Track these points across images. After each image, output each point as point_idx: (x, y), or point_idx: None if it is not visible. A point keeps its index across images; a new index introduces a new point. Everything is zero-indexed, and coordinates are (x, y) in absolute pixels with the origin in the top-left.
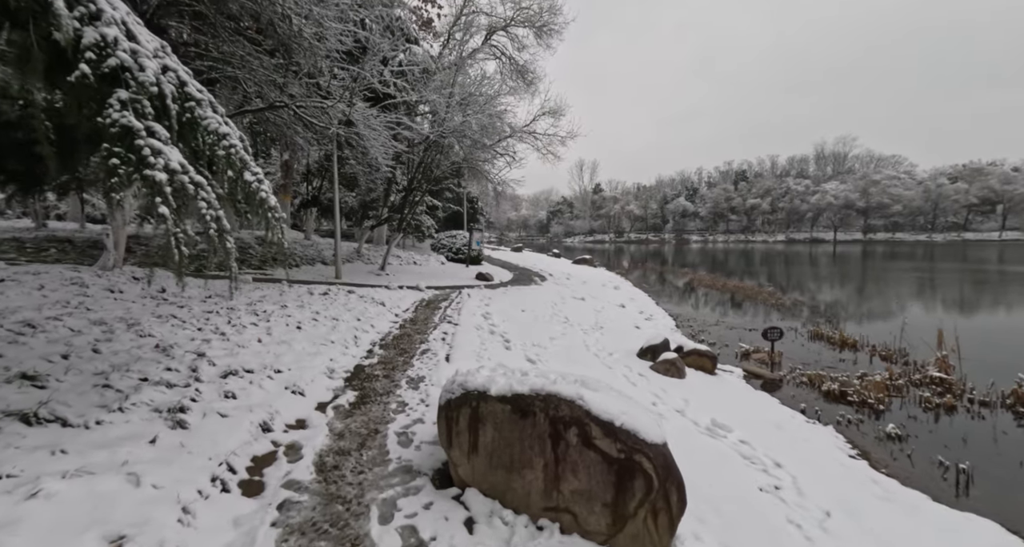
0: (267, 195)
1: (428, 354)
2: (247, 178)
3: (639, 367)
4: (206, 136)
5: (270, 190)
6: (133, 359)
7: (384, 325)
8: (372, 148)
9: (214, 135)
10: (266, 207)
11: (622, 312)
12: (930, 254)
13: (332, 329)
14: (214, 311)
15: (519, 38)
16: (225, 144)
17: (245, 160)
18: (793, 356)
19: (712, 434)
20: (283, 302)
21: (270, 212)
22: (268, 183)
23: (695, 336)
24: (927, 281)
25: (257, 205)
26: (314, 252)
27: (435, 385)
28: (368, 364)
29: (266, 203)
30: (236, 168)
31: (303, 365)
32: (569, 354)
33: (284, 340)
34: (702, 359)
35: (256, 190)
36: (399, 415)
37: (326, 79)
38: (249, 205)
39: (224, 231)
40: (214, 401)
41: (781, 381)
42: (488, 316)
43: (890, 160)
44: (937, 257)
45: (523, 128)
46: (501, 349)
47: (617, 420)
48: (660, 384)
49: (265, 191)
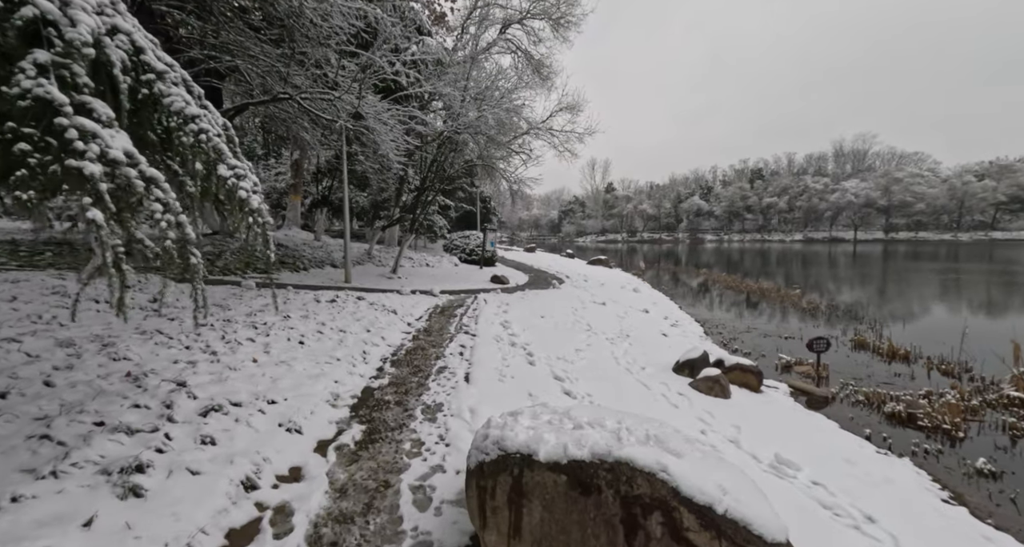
0: (248, 195)
1: (445, 373)
2: (222, 173)
3: (677, 385)
4: (168, 118)
5: (253, 189)
6: (93, 394)
7: (396, 337)
8: (383, 143)
9: (179, 117)
10: (247, 210)
11: (646, 318)
12: (957, 254)
13: (339, 343)
14: (208, 324)
15: (535, 31)
16: (193, 129)
17: (221, 150)
18: (840, 369)
19: (779, 473)
20: (286, 311)
21: (252, 216)
22: (253, 180)
23: (727, 345)
24: (966, 283)
25: (236, 207)
26: (323, 254)
27: (455, 415)
28: (378, 386)
29: (247, 205)
30: (206, 160)
31: (303, 392)
32: (598, 369)
33: (283, 360)
34: (746, 375)
35: (234, 188)
36: (414, 459)
37: (333, 69)
38: (228, 206)
39: (188, 242)
40: (186, 451)
41: (833, 399)
42: (507, 325)
43: (912, 157)
44: (967, 257)
45: (539, 124)
46: (524, 364)
47: (719, 504)
48: (704, 406)
49: (246, 190)
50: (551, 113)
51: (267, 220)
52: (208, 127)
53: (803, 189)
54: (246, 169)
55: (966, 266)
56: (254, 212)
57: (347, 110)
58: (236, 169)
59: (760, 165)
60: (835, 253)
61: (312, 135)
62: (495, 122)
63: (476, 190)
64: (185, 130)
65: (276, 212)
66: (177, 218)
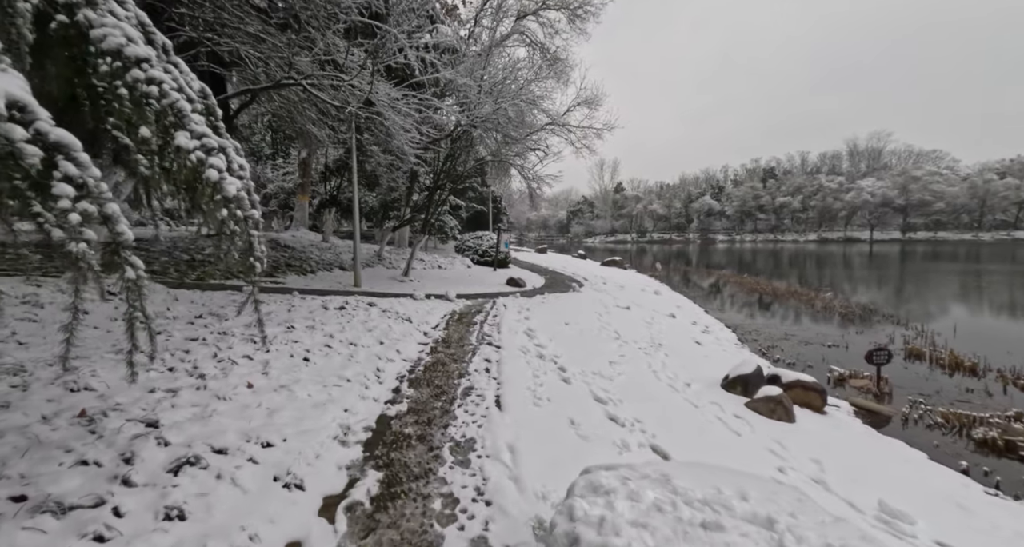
0: (222, 177)
1: (472, 395)
2: (182, 143)
3: (731, 405)
4: (100, 60)
5: (237, 172)
6: (25, 447)
7: (412, 349)
8: (397, 135)
9: (115, 59)
10: (219, 199)
11: (674, 324)
12: (980, 254)
13: (349, 359)
14: (200, 338)
15: (551, 22)
16: (138, 78)
17: (181, 112)
18: (900, 383)
19: (892, 530)
20: (290, 321)
21: (227, 207)
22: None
23: (766, 354)
24: (1003, 285)
25: (204, 194)
26: (332, 256)
27: (492, 456)
28: (395, 413)
29: (220, 191)
30: (151, 121)
31: (306, 427)
32: (640, 387)
33: (284, 383)
34: (808, 394)
35: (199, 166)
36: (448, 527)
37: (342, 55)
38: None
39: (122, 244)
40: (140, 535)
41: (905, 420)
42: (531, 334)
43: (930, 155)
44: (991, 258)
45: (557, 119)
46: (558, 382)
47: None
48: (769, 433)
49: (218, 170)
50: (568, 108)
51: (251, 214)
52: (162, 77)
53: (817, 188)
54: (230, 147)
55: (996, 267)
56: (230, 202)
57: (357, 97)
58: (205, 140)
59: (772, 164)
60: (852, 253)
61: (320, 128)
62: (514, 114)
63: (488, 190)
64: (125, 79)
65: (284, 212)
66: (104, 209)
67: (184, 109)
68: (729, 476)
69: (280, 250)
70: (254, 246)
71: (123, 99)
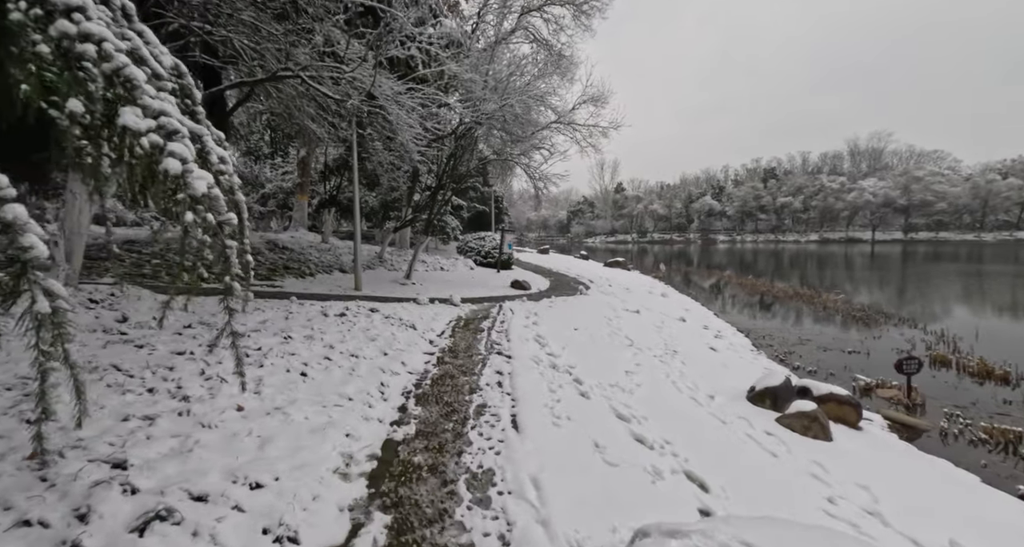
0: (185, 169)
1: (486, 414)
2: (129, 123)
3: (761, 421)
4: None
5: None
6: None
7: (417, 360)
8: (401, 130)
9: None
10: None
11: (686, 328)
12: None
13: (350, 373)
14: (187, 351)
15: (556, 18)
16: (67, 31)
17: (132, 82)
18: (932, 393)
19: None
20: (287, 330)
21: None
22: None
23: (784, 360)
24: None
25: (163, 190)
26: (332, 257)
27: (514, 493)
28: (403, 437)
29: (185, 188)
30: (85, 90)
31: (303, 459)
32: (661, 401)
33: (279, 405)
34: (842, 408)
35: (154, 153)
36: None
37: (342, 48)
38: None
39: (32, 262)
40: None
41: (944, 436)
42: (542, 341)
43: (932, 155)
44: (995, 258)
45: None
46: (576, 396)
47: None
48: (807, 453)
49: (180, 160)
50: (574, 106)
51: (227, 219)
52: (103, 35)
53: (818, 188)
54: (207, 134)
55: (1001, 268)
56: (198, 203)
57: (359, 90)
58: (165, 121)
59: (773, 164)
60: (854, 254)
61: (320, 125)
62: (521, 110)
63: (490, 190)
64: (48, 33)
65: (282, 213)
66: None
67: (135, 78)
68: (820, 539)
69: (278, 252)
70: (231, 261)
71: (43, 58)
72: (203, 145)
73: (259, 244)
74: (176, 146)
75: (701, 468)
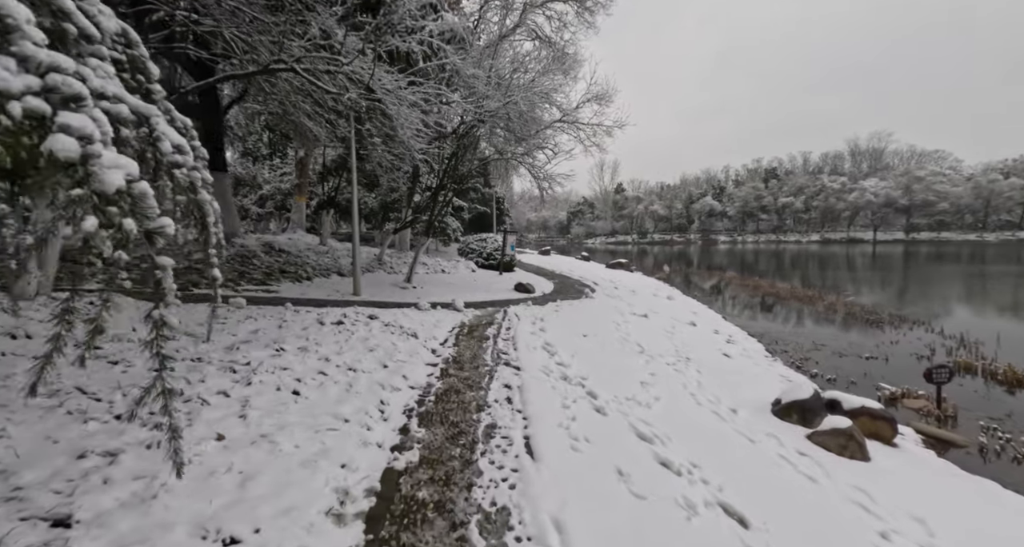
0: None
1: (496, 436)
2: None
3: (791, 438)
4: None
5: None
6: None
7: (420, 374)
8: (401, 127)
9: None
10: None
11: (696, 333)
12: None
13: (347, 389)
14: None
15: (559, 15)
16: None
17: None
18: (962, 403)
19: None
20: (281, 341)
21: (102, 212)
22: (153, 126)
23: (801, 367)
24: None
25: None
26: (330, 260)
27: (535, 539)
28: (405, 466)
29: (87, 181)
30: None
31: (290, 501)
32: (682, 416)
33: (266, 431)
34: (876, 423)
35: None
36: None
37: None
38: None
39: None
40: None
41: (983, 451)
42: (550, 349)
43: (933, 155)
44: (998, 258)
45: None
46: (591, 413)
47: None
48: (846, 476)
49: (85, 139)
50: (577, 104)
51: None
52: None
53: (820, 189)
54: (156, 113)
55: (1005, 268)
56: (109, 203)
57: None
58: (54, 79)
59: (774, 164)
60: (855, 254)
61: (317, 123)
62: (527, 106)
63: (491, 190)
64: None
65: (280, 214)
66: None
67: (9, 15)
68: None
69: (274, 255)
70: (164, 286)
71: None
72: (151, 128)
73: (255, 247)
74: (72, 118)
75: (737, 498)
